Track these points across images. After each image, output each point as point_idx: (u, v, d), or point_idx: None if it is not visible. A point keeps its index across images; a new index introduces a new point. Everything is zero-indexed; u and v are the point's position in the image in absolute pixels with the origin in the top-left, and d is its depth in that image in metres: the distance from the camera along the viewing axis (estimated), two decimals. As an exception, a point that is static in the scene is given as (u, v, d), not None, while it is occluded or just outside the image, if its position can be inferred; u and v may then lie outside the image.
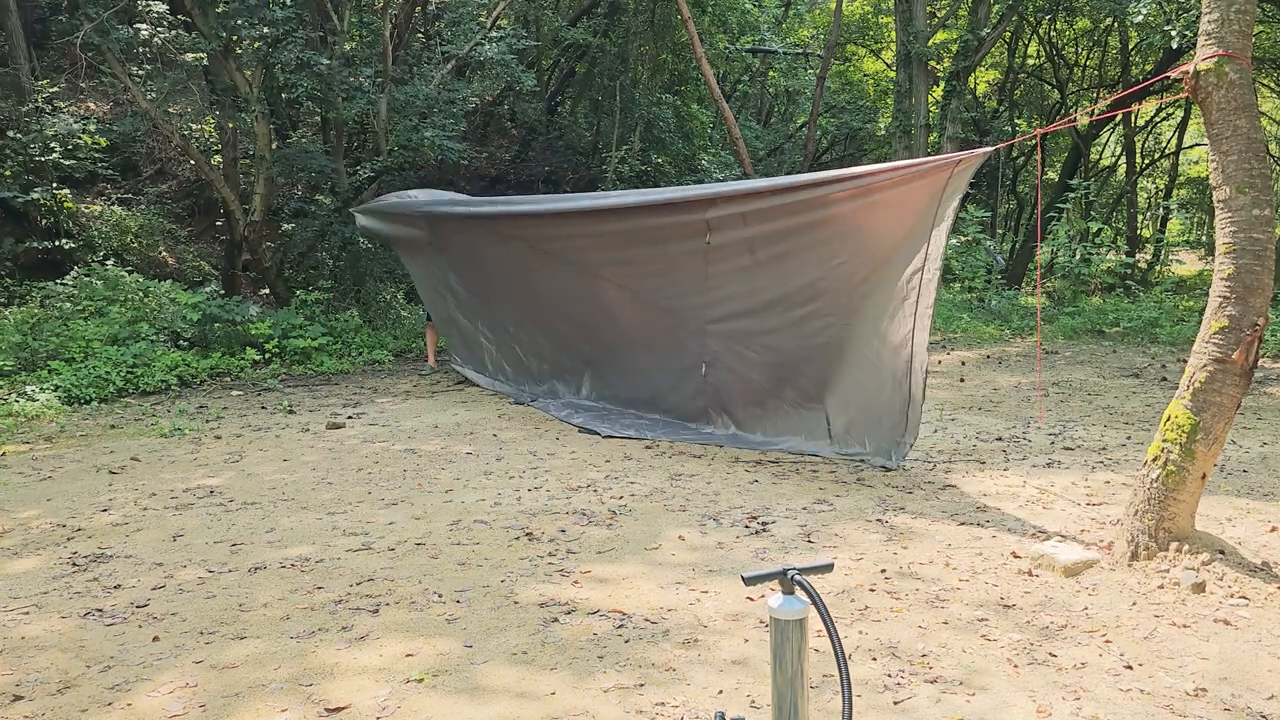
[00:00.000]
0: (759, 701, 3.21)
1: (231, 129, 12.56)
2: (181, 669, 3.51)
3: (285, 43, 11.18)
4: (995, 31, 16.92)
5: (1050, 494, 5.65)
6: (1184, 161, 26.24)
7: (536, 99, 17.95)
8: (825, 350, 6.33)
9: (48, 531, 5.14)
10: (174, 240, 14.06)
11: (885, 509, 5.39)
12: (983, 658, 3.53)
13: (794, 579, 2.03)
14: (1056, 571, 4.32)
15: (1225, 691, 3.25)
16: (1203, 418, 4.16)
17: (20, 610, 4.07)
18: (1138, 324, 13.19)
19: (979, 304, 15.65)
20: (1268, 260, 4.09)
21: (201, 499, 5.74)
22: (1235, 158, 4.12)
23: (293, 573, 4.47)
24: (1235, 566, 4.11)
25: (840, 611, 3.95)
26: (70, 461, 6.72)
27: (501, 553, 4.72)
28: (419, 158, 13.13)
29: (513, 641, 3.71)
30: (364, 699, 3.27)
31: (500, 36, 14.17)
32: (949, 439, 7.18)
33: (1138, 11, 12.69)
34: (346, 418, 8.14)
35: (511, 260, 8.53)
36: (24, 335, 9.50)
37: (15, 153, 11.33)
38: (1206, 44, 4.17)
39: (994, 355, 11.63)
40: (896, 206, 5.71)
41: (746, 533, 5.01)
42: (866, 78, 25.06)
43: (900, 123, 17.67)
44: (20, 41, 12.19)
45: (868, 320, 6.06)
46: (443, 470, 6.38)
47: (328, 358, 11.01)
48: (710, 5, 17.47)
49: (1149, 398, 8.70)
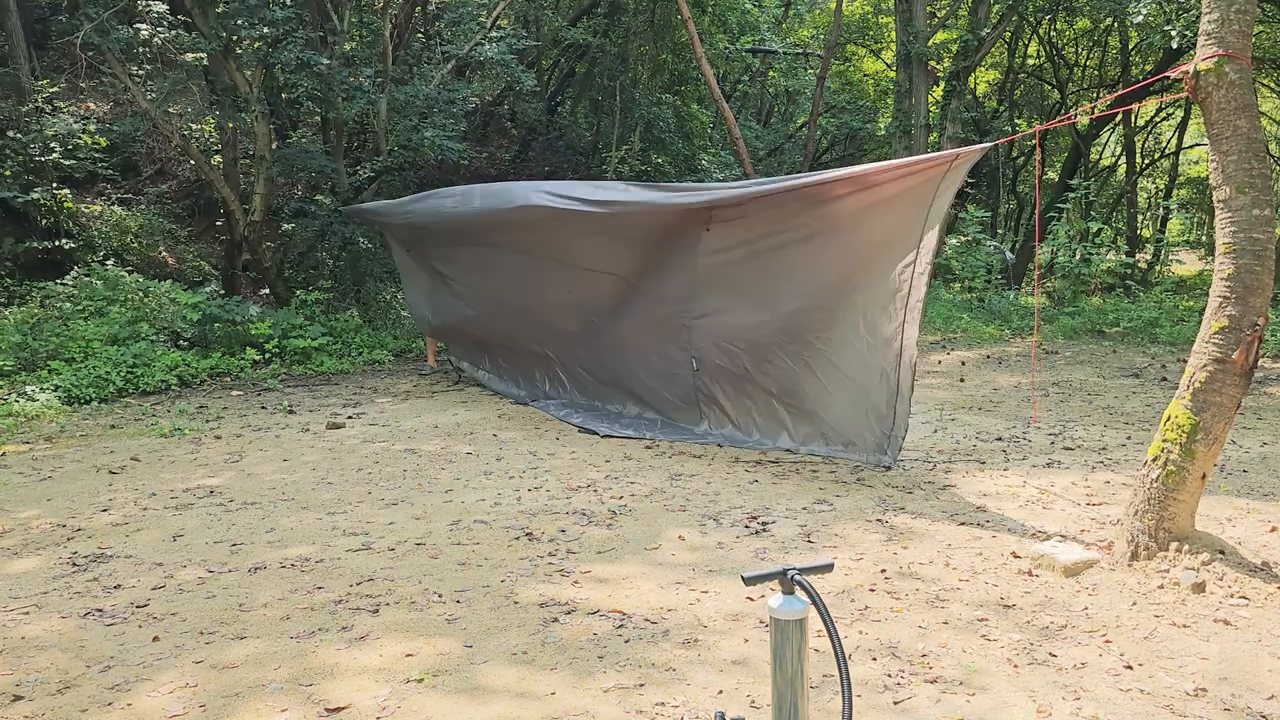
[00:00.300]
0: (759, 701, 3.21)
1: (231, 129, 12.56)
2: (181, 669, 3.51)
3: (285, 43, 11.19)
4: (995, 31, 16.93)
5: (1050, 494, 5.65)
6: (1184, 161, 26.25)
7: (536, 99, 17.95)
8: (812, 347, 6.34)
9: (48, 531, 5.14)
10: (174, 240, 14.06)
11: (885, 509, 5.39)
12: (983, 658, 3.53)
13: (794, 579, 2.03)
14: (1056, 571, 4.32)
15: (1225, 691, 3.25)
16: (1203, 418, 4.15)
17: (20, 610, 4.07)
18: (1138, 324, 13.19)
19: (979, 304, 15.64)
20: (1268, 260, 4.09)
21: (201, 499, 5.74)
22: (1235, 158, 4.12)
23: (293, 573, 4.47)
24: (1235, 566, 4.11)
25: (840, 611, 3.95)
26: (70, 461, 6.72)
27: (501, 553, 4.72)
28: (419, 158, 13.13)
29: (513, 641, 3.71)
30: (364, 699, 3.27)
31: (500, 36, 14.17)
32: (949, 439, 7.18)
33: (1138, 11, 12.69)
34: (346, 418, 8.14)
35: (502, 258, 8.51)
36: (24, 335, 9.50)
37: (15, 153, 11.33)
38: (1206, 44, 4.17)
39: (994, 355, 11.63)
40: (891, 202, 5.72)
41: (746, 533, 5.01)
42: (866, 78, 25.06)
43: (900, 123, 17.67)
44: (20, 41, 12.19)
45: (856, 316, 6.07)
46: (443, 470, 6.38)
47: (328, 358, 11.01)
48: (710, 5, 17.47)
49: (1149, 398, 8.70)
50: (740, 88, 22.94)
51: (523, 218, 7.82)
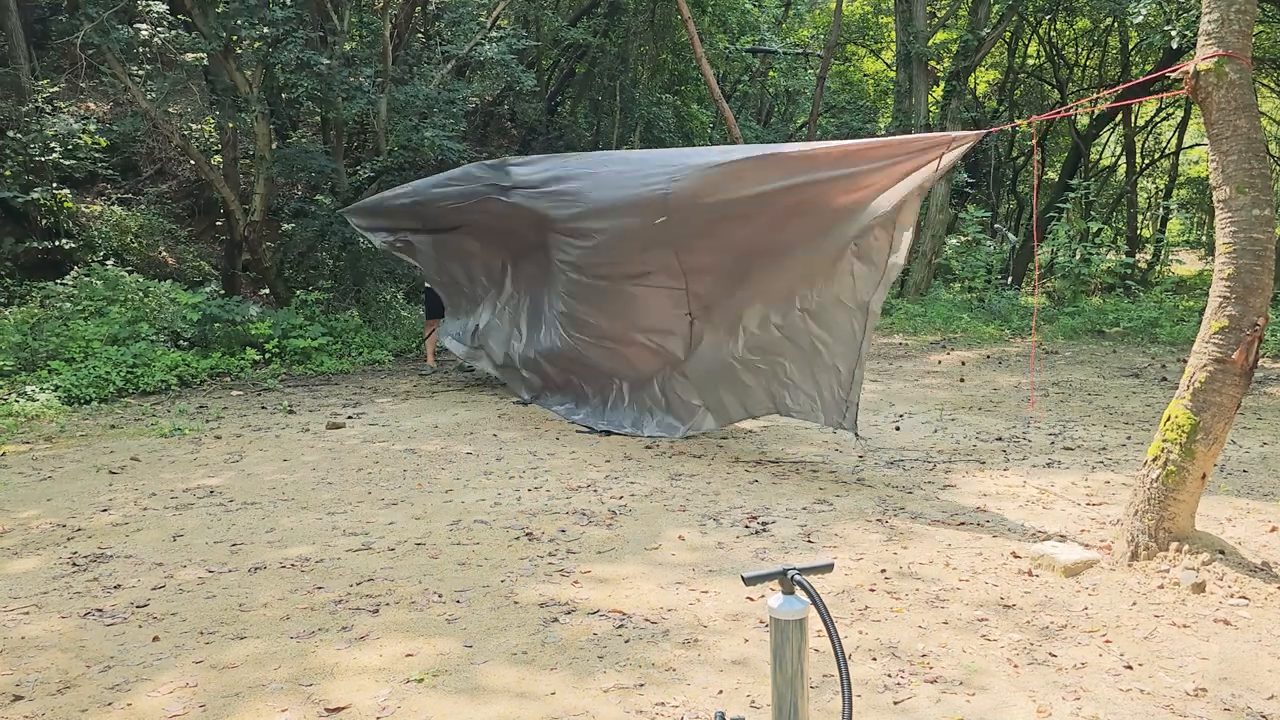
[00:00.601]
0: (759, 701, 3.21)
1: (231, 129, 12.56)
2: (181, 669, 3.51)
3: (285, 43, 11.19)
4: (995, 31, 16.93)
5: (1050, 494, 5.65)
6: (1184, 161, 26.25)
7: (536, 99, 17.96)
8: (765, 323, 6.42)
9: (48, 531, 5.14)
10: (174, 240, 14.06)
11: (885, 509, 5.39)
12: (983, 658, 3.53)
13: (794, 579, 2.03)
14: (1056, 571, 4.32)
15: (1225, 691, 3.25)
16: (1203, 418, 4.15)
17: (20, 610, 4.07)
18: (1138, 324, 13.20)
19: (979, 304, 15.65)
20: (1268, 260, 4.09)
21: (201, 499, 5.74)
22: (1235, 158, 4.12)
23: (293, 573, 4.47)
24: (1235, 566, 4.11)
25: (840, 611, 3.95)
26: (70, 461, 6.72)
27: (501, 553, 4.72)
28: (419, 158, 13.13)
29: (513, 641, 3.71)
30: (364, 699, 3.27)
31: (500, 36, 14.18)
32: (949, 439, 7.18)
33: (1138, 12, 12.70)
34: (346, 418, 8.14)
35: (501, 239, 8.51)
36: (24, 335, 9.50)
37: (15, 153, 11.33)
38: (1206, 44, 4.17)
39: (994, 355, 11.63)
40: (868, 183, 5.74)
41: (746, 533, 5.01)
42: (866, 78, 25.08)
43: (900, 122, 17.67)
44: (20, 41, 12.19)
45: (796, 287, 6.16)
46: (443, 470, 6.38)
47: (328, 358, 11.01)
48: (710, 5, 17.49)
49: (1149, 398, 8.70)
50: (740, 88, 22.95)
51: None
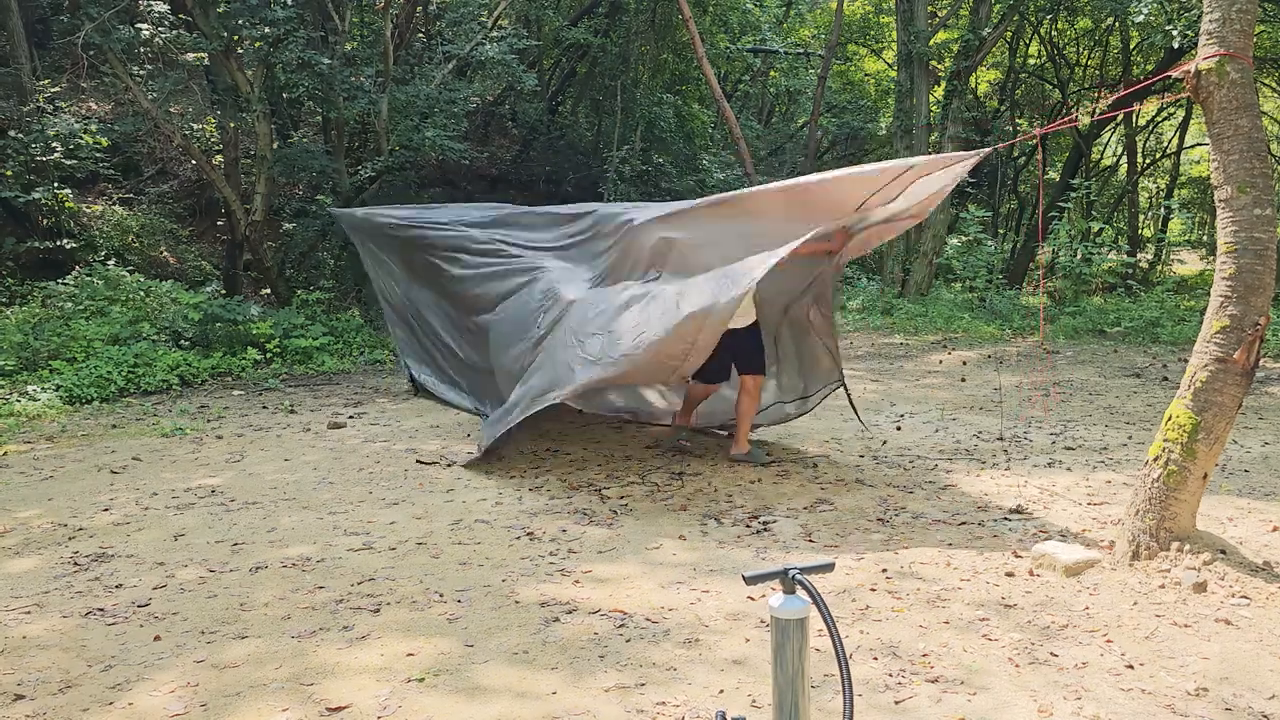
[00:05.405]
0: (759, 701, 3.21)
1: (233, 129, 12.56)
2: (182, 668, 3.51)
3: (286, 42, 11.18)
4: (996, 31, 16.91)
5: (1051, 493, 5.64)
6: (1185, 161, 26.22)
7: (538, 99, 17.95)
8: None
9: (49, 531, 5.15)
10: (175, 240, 14.07)
11: (886, 508, 5.39)
12: (984, 657, 3.53)
13: (795, 578, 2.03)
14: (1057, 571, 4.31)
15: (1226, 691, 3.25)
16: (1204, 417, 4.15)
17: (21, 610, 4.07)
18: (1139, 324, 13.19)
19: (980, 304, 15.65)
20: (1269, 260, 4.09)
21: (203, 498, 5.74)
22: (1237, 157, 4.11)
23: (294, 572, 4.47)
24: (1237, 566, 4.10)
25: (841, 611, 3.95)
26: (71, 461, 6.72)
27: (502, 552, 4.72)
28: (420, 158, 13.14)
29: (513, 641, 3.71)
30: (365, 698, 3.27)
31: (501, 36, 14.18)
32: (949, 439, 7.18)
33: (1139, 11, 12.70)
34: (348, 417, 8.14)
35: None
36: (25, 335, 9.50)
37: (17, 152, 11.33)
38: (1208, 43, 4.16)
39: (994, 355, 11.63)
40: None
41: (747, 532, 5.01)
42: (867, 77, 25.07)
43: (901, 122, 17.67)
44: (21, 41, 12.20)
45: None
46: (444, 470, 6.38)
47: (329, 357, 11.01)
48: (711, 5, 17.49)
49: (1150, 397, 8.69)
50: (741, 87, 22.96)
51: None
